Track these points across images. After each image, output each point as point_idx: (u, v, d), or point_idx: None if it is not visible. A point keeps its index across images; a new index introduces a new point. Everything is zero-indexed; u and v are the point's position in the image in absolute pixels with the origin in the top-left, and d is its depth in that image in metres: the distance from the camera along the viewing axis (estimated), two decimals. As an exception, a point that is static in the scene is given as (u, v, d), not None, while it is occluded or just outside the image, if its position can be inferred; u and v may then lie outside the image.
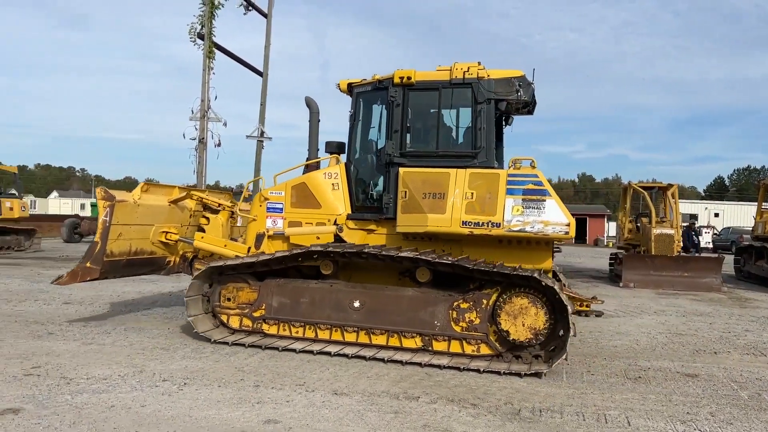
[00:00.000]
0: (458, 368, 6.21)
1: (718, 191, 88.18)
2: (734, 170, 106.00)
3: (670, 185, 17.51)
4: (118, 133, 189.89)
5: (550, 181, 6.72)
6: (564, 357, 6.03)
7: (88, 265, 6.97)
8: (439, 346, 6.55)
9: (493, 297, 6.40)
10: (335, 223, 7.48)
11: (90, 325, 7.99)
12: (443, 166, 6.91)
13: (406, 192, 6.86)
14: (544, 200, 6.48)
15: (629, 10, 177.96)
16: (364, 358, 6.49)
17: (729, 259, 19.40)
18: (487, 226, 6.55)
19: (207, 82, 19.13)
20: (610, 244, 33.23)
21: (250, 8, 20.53)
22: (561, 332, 6.22)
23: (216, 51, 19.68)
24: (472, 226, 6.59)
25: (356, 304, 6.76)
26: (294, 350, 6.72)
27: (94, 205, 36.38)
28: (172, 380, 5.56)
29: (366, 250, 6.59)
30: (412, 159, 7.17)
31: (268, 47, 21.47)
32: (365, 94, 7.65)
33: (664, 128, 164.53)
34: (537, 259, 6.86)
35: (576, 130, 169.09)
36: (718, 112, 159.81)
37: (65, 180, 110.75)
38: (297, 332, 7.01)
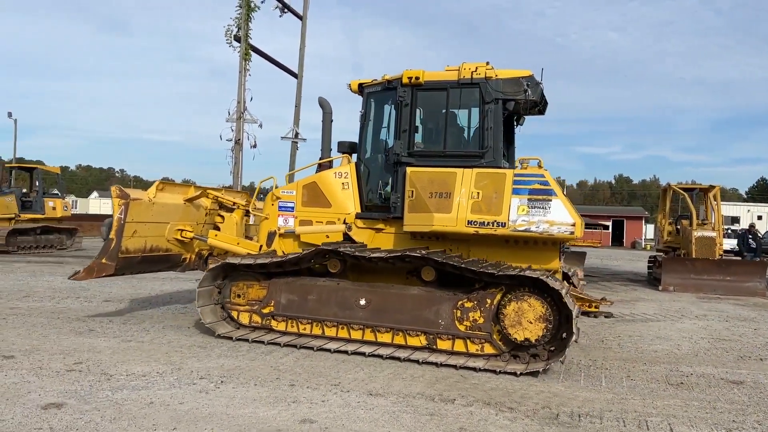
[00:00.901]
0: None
1: (760, 193, 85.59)
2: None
3: (712, 187, 17.04)
4: (157, 134, 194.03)
5: (558, 180, 6.72)
6: (562, 359, 6.10)
7: (103, 261, 7.17)
8: (443, 344, 6.58)
9: (498, 297, 6.39)
10: (344, 223, 7.53)
11: (129, 323, 8.14)
12: (450, 165, 6.94)
13: (413, 191, 6.91)
14: (550, 200, 6.46)
15: (669, 8, 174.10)
16: (398, 359, 6.46)
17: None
18: (493, 226, 6.56)
19: (243, 84, 19.37)
20: (648, 247, 32.53)
21: (286, 10, 20.71)
22: (564, 335, 6.20)
23: (252, 53, 19.91)
24: (477, 226, 6.61)
25: (362, 302, 6.82)
26: (329, 350, 6.73)
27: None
28: (209, 378, 5.62)
29: (373, 255, 6.68)
30: (419, 159, 7.22)
31: (302, 49, 21.63)
32: (375, 94, 7.72)
33: (704, 129, 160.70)
34: (544, 259, 6.86)
35: (613, 131, 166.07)
36: (761, 111, 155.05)
37: (105, 180, 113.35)
38: (304, 329, 7.13)
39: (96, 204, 71.66)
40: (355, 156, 7.86)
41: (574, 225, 6.39)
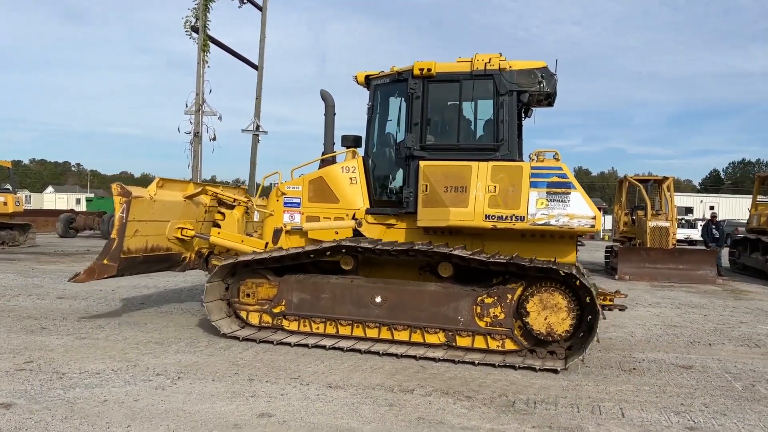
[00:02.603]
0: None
1: (713, 184, 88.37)
2: (729, 163, 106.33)
3: (666, 178, 17.52)
4: (114, 127, 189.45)
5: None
6: (582, 357, 6.12)
7: (105, 262, 6.84)
8: (462, 341, 6.46)
9: (518, 291, 6.32)
10: (354, 218, 7.34)
11: (84, 320, 7.96)
12: (464, 159, 6.78)
13: (427, 186, 6.74)
14: (569, 193, 6.38)
15: (628, 3, 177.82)
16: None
17: (724, 251, 19.44)
18: (511, 220, 6.42)
19: (202, 76, 19.05)
20: (606, 237, 33.27)
21: (246, 1, 20.42)
22: (581, 333, 6.15)
23: (211, 44, 19.58)
24: (495, 220, 6.46)
25: (378, 299, 6.66)
26: (342, 348, 6.56)
27: (89, 200, 36.25)
28: (166, 374, 5.54)
29: (394, 248, 6.50)
30: (432, 152, 7.05)
31: (263, 40, 21.39)
32: (383, 87, 7.54)
33: (661, 122, 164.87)
34: (560, 253, 6.73)
35: (572, 124, 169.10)
36: (715, 106, 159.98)
37: (61, 175, 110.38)
38: (317, 328, 6.89)
39: (51, 199, 69.59)
40: (360, 150, 7.63)
41: (594, 218, 6.32)
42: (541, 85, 6.85)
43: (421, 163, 6.85)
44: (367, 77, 7.68)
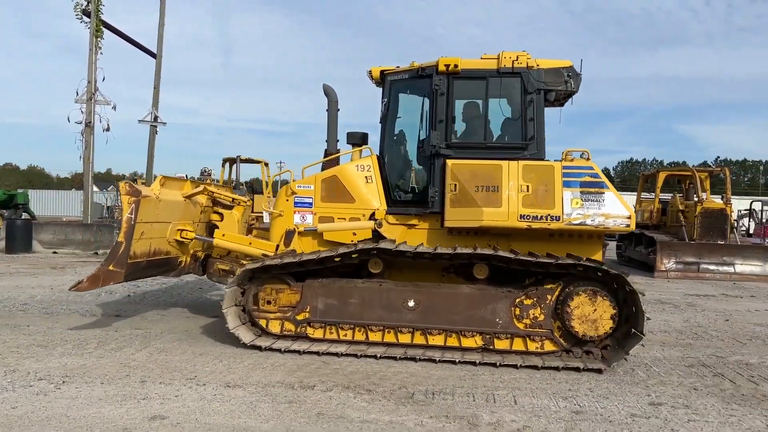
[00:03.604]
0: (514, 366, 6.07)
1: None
2: (618, 162, 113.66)
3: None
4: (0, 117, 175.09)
5: None
6: (626, 357, 6.13)
7: (111, 268, 6.30)
8: (500, 344, 6.33)
9: (557, 292, 6.29)
10: (372, 218, 7.04)
11: (-44, 323, 7.31)
12: (491, 158, 6.65)
13: (456, 185, 6.52)
14: (603, 192, 6.36)
15: (529, 7, 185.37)
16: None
17: (612, 244, 20.77)
18: (546, 220, 6.30)
19: (94, 63, 18.02)
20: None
21: (142, -14, 19.52)
22: (631, 330, 6.07)
23: (105, 30, 18.55)
24: (530, 220, 6.32)
25: (411, 303, 6.41)
26: (374, 356, 6.23)
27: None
28: (49, 379, 5.19)
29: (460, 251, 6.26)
30: (458, 150, 6.87)
31: (161, 27, 20.51)
32: (400, 83, 7.29)
33: (559, 123, 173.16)
34: (588, 252, 6.64)
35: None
36: (608, 108, 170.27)
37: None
38: (345, 335, 6.53)
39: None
40: (365, 147, 7.38)
41: (629, 217, 6.30)
42: (568, 84, 6.82)
43: (449, 162, 6.66)
44: (382, 73, 7.38)
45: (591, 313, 6.08)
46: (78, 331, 7.10)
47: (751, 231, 27.45)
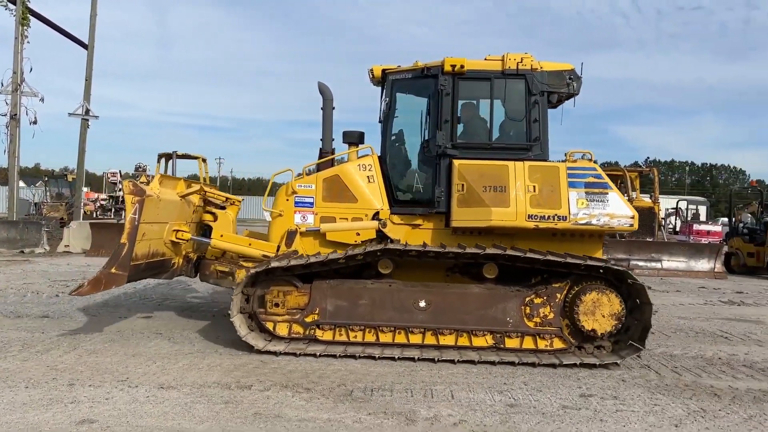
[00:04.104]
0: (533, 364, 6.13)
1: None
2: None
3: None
4: None
5: None
6: (639, 354, 6.23)
7: (113, 270, 5.96)
8: (511, 342, 6.38)
9: (566, 290, 6.37)
10: (375, 218, 7.00)
11: None
12: (495, 158, 6.73)
13: (463, 185, 6.58)
14: (607, 193, 6.51)
15: (467, 9, 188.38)
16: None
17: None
18: (553, 220, 6.41)
19: (20, 52, 17.20)
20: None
21: (73, -27, 18.76)
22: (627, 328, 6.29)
23: (32, 18, 17.74)
24: (537, 220, 6.41)
25: (422, 303, 6.37)
26: (393, 358, 6.15)
27: None
28: (-32, 384, 4.93)
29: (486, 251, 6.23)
30: (463, 150, 6.90)
31: (94, 17, 19.76)
32: (403, 82, 7.27)
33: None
34: (589, 252, 6.76)
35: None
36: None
37: None
38: (355, 336, 6.42)
39: None
40: (361, 146, 7.32)
41: (633, 217, 6.47)
42: (570, 87, 6.97)
43: (456, 162, 6.71)
44: (383, 72, 7.34)
45: (600, 310, 6.20)
46: (0, 333, 6.77)
47: (677, 229, 28.85)
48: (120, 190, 32.81)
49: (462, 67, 6.87)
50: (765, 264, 17.68)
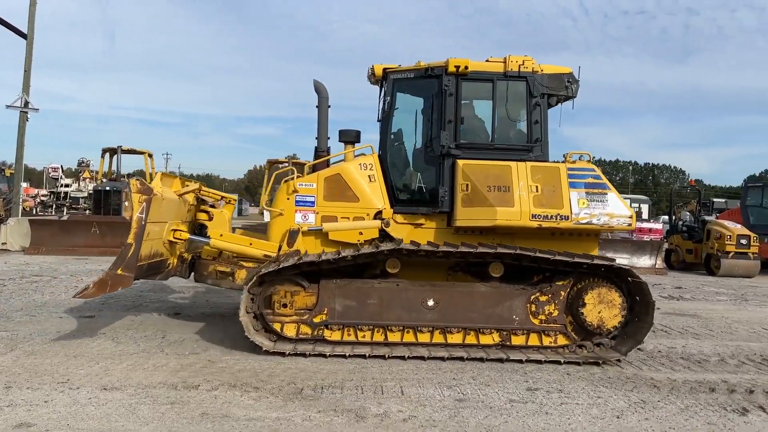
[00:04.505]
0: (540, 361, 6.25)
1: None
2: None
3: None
4: None
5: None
6: (640, 347, 6.51)
7: (119, 272, 5.76)
8: (517, 340, 6.48)
9: (569, 288, 6.51)
10: (377, 218, 6.97)
11: None
12: (496, 158, 6.84)
13: (467, 185, 6.65)
14: (606, 193, 6.69)
15: (420, 8, 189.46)
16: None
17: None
18: (556, 219, 6.54)
19: (-47, 40, 16.33)
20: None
21: (11, -41, 17.99)
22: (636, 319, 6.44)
23: (-34, 4, 16.91)
24: (541, 219, 6.52)
25: (430, 302, 6.38)
26: (403, 357, 6.14)
27: None
28: None
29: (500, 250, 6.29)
30: (466, 150, 6.95)
31: (34, 5, 19.01)
32: (405, 81, 7.28)
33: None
34: (587, 249, 6.88)
35: (371, 119, 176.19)
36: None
37: None
38: (364, 336, 6.38)
39: None
40: (358, 145, 7.30)
41: (631, 217, 6.68)
42: (568, 90, 7.11)
43: (460, 162, 6.76)
44: (384, 71, 7.32)
45: (604, 308, 6.37)
46: (-69, 336, 6.45)
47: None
48: (63, 185, 31.66)
49: (466, 68, 6.97)
50: (702, 260, 18.45)
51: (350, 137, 7.38)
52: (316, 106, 7.55)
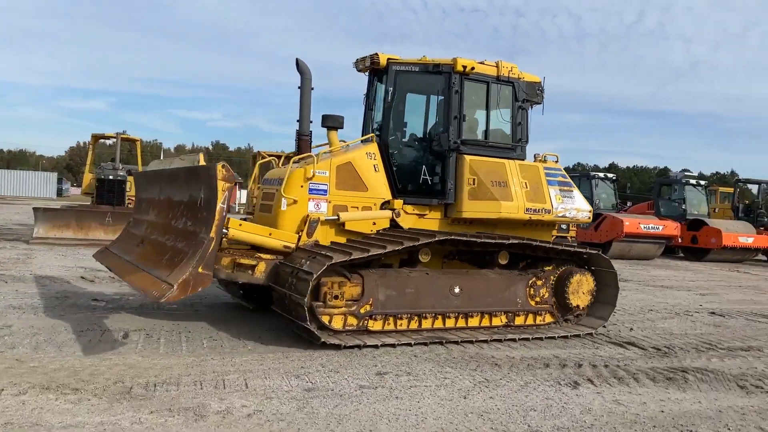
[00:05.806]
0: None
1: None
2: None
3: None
4: None
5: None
6: (605, 324, 7.56)
7: (200, 270, 5.25)
8: (519, 320, 7.19)
9: (556, 273, 7.36)
10: (385, 207, 7.15)
11: None
12: (489, 155, 7.44)
13: (474, 179, 7.18)
14: (572, 191, 7.79)
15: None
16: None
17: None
18: (542, 213, 7.43)
19: None
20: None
21: None
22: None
23: None
24: (532, 213, 7.37)
25: (456, 289, 6.75)
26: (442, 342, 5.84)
27: None
28: None
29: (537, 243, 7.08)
30: (468, 147, 7.41)
31: None
32: (408, 74, 7.53)
33: (294, 103, 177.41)
34: (545, 237, 7.80)
35: (213, 99, 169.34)
36: (351, 91, 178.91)
37: None
38: (401, 325, 6.50)
39: None
40: (341, 132, 7.44)
41: (590, 211, 7.86)
42: (539, 97, 7.86)
43: (467, 158, 7.25)
44: (388, 61, 7.44)
45: (582, 289, 7.32)
46: None
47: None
48: None
49: (473, 69, 7.39)
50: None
51: (335, 122, 7.35)
52: (299, 87, 7.52)
